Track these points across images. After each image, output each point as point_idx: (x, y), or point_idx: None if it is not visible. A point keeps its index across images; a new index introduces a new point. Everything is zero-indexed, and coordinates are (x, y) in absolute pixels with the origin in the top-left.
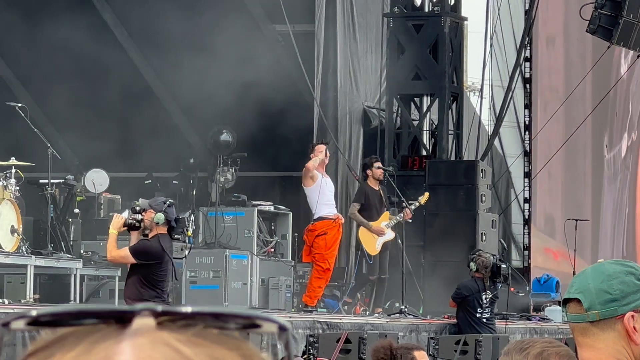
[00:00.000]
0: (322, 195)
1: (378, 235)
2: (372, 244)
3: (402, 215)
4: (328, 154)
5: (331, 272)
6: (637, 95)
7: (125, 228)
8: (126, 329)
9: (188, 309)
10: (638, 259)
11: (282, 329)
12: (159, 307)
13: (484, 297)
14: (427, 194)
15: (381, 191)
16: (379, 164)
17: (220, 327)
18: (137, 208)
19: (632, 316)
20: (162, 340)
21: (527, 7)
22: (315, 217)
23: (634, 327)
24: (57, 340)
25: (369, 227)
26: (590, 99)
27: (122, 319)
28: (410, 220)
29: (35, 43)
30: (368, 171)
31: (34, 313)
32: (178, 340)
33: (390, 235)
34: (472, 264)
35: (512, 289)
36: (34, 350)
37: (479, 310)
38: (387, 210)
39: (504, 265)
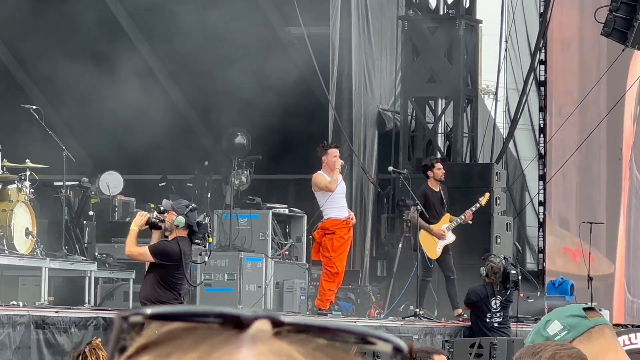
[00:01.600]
0: (332, 199)
1: (439, 238)
2: (433, 248)
3: (462, 217)
4: (343, 164)
5: (340, 276)
6: None
7: (147, 226)
8: (242, 334)
9: (309, 322)
10: None
11: (397, 350)
12: (281, 317)
13: (492, 302)
14: (487, 195)
15: (442, 192)
16: (439, 164)
17: (336, 342)
18: (162, 208)
19: None
20: (283, 351)
21: (541, 10)
22: (325, 218)
23: None
24: (171, 336)
25: (430, 230)
26: (605, 102)
27: (239, 324)
28: (471, 222)
29: (50, 46)
30: (429, 172)
31: (148, 312)
32: (299, 352)
33: (451, 238)
34: (482, 269)
35: (521, 295)
36: (146, 344)
37: (488, 315)
38: (447, 212)
39: (513, 271)
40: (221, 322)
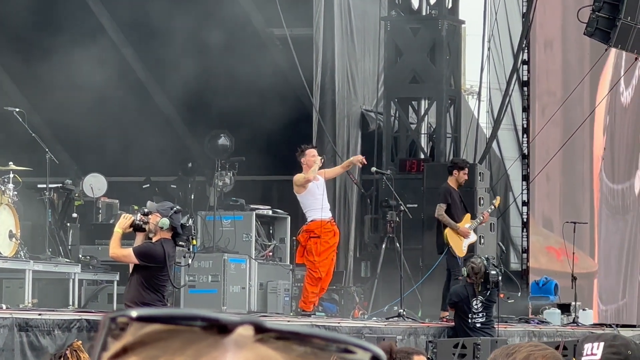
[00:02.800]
0: (315, 200)
1: (464, 237)
2: (459, 246)
3: (481, 217)
4: (322, 157)
5: (324, 281)
6: None
7: (131, 229)
8: (225, 338)
9: (291, 329)
10: None
11: (375, 358)
12: (264, 323)
13: (474, 302)
14: (499, 198)
15: (460, 193)
16: (467, 170)
17: (316, 349)
18: (146, 210)
19: None
20: (269, 357)
21: (524, 10)
22: (309, 219)
23: None
24: (155, 338)
25: (457, 228)
26: (588, 102)
27: (223, 328)
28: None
29: (32, 48)
30: (455, 172)
31: (134, 315)
32: (284, 359)
33: (473, 237)
34: (463, 269)
35: (501, 295)
36: (130, 345)
37: (470, 315)
38: (467, 212)
39: (493, 272)
40: (205, 325)
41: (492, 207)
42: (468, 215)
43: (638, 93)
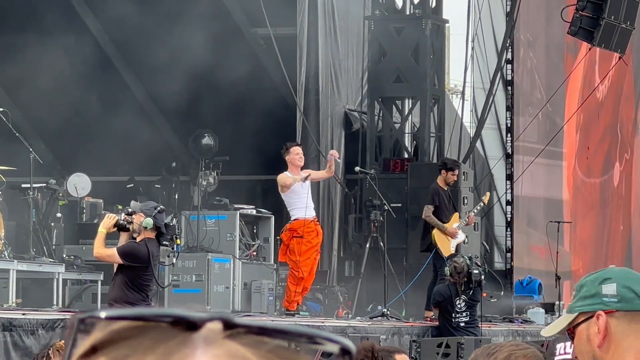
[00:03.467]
0: (299, 199)
1: (452, 237)
2: (447, 246)
3: (466, 219)
4: (302, 156)
5: (307, 281)
6: (625, 119)
7: (115, 229)
8: (194, 335)
9: (259, 324)
10: None
11: (344, 351)
12: (233, 318)
13: (457, 302)
14: (488, 194)
15: (449, 192)
16: (457, 172)
17: (286, 344)
18: (130, 210)
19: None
20: (239, 353)
21: (508, 10)
22: (292, 218)
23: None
24: (123, 336)
25: (444, 229)
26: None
27: (191, 325)
28: (474, 223)
29: (16, 48)
30: (443, 172)
31: (102, 315)
32: (254, 355)
33: (461, 237)
34: (446, 269)
35: (484, 295)
36: (99, 343)
37: (453, 315)
38: (456, 211)
39: (475, 271)
40: (173, 322)
41: (482, 203)
42: (457, 215)
43: (614, 87)
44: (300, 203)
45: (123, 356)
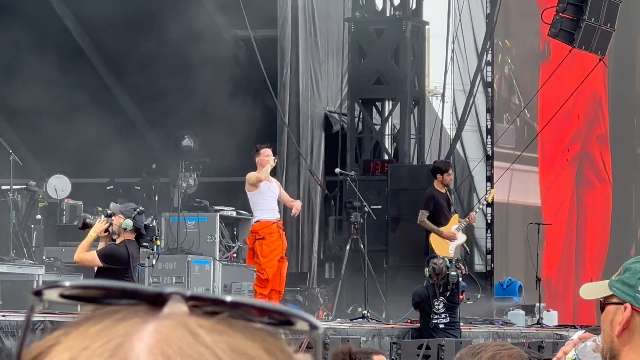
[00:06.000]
0: (264, 200)
1: (450, 240)
2: (445, 249)
3: (467, 220)
4: (275, 157)
5: (276, 283)
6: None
7: (106, 234)
8: (157, 312)
9: (219, 297)
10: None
11: (313, 327)
12: (189, 292)
13: (435, 303)
14: (493, 190)
15: (447, 193)
16: (451, 171)
17: (249, 320)
18: (110, 212)
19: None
20: (183, 323)
21: (488, 11)
22: (254, 220)
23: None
24: (88, 318)
25: (440, 233)
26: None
27: (155, 302)
28: (474, 224)
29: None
30: (438, 175)
31: (67, 283)
32: (200, 325)
33: (462, 238)
34: (425, 269)
35: (461, 297)
36: (67, 330)
37: (432, 316)
38: (455, 212)
39: (453, 273)
40: (136, 301)
41: (485, 202)
42: (456, 216)
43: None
44: (265, 204)
45: (74, 326)
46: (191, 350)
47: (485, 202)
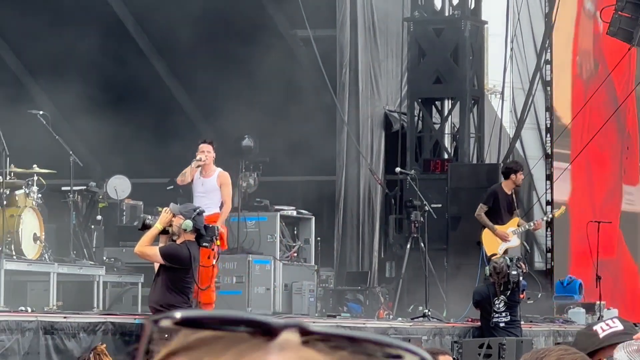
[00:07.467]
0: (194, 198)
1: (502, 239)
2: (494, 247)
3: (532, 224)
4: (211, 154)
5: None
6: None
7: (167, 235)
8: (271, 342)
9: (336, 332)
10: None
11: None
12: (309, 326)
13: (496, 302)
14: (563, 208)
15: (513, 195)
16: (522, 170)
17: (363, 353)
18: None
19: None
20: (302, 357)
21: (547, 10)
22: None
23: None
24: (201, 343)
25: (493, 229)
26: (612, 101)
27: (268, 332)
28: (539, 230)
29: (58, 51)
30: (512, 176)
31: (178, 315)
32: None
33: (515, 242)
34: (486, 268)
35: (522, 296)
36: (176, 349)
37: (493, 315)
38: (517, 215)
39: (514, 272)
40: (250, 330)
41: (551, 216)
42: (515, 219)
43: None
44: (195, 201)
45: (196, 358)
46: None
47: (551, 216)
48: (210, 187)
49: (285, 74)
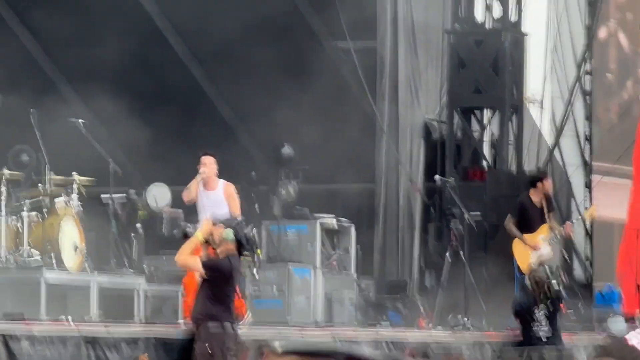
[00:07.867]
0: (199, 210)
1: (533, 249)
2: (526, 259)
3: (563, 228)
4: (213, 167)
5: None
6: None
7: (207, 244)
8: None
9: None
10: None
11: None
12: None
13: (535, 312)
14: (594, 206)
15: (543, 203)
16: (549, 177)
17: None
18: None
19: None
20: None
21: (587, 23)
22: None
23: None
24: None
25: (523, 239)
26: None
27: None
28: (571, 235)
29: (96, 59)
30: (539, 184)
31: (279, 349)
32: None
33: (545, 249)
34: (526, 277)
35: (561, 305)
36: None
37: (533, 325)
38: (549, 222)
39: (553, 282)
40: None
41: (580, 217)
42: (545, 226)
43: None
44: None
45: None
46: None
47: (579, 218)
48: (217, 199)
49: (325, 83)
